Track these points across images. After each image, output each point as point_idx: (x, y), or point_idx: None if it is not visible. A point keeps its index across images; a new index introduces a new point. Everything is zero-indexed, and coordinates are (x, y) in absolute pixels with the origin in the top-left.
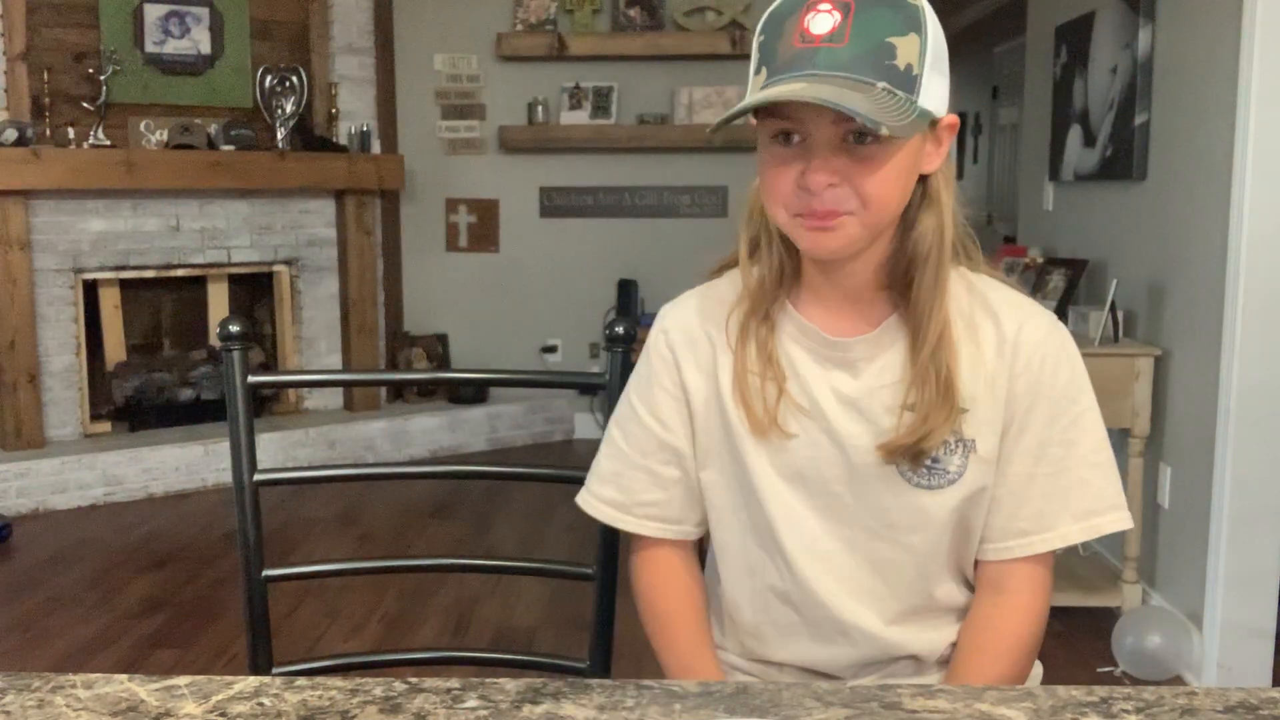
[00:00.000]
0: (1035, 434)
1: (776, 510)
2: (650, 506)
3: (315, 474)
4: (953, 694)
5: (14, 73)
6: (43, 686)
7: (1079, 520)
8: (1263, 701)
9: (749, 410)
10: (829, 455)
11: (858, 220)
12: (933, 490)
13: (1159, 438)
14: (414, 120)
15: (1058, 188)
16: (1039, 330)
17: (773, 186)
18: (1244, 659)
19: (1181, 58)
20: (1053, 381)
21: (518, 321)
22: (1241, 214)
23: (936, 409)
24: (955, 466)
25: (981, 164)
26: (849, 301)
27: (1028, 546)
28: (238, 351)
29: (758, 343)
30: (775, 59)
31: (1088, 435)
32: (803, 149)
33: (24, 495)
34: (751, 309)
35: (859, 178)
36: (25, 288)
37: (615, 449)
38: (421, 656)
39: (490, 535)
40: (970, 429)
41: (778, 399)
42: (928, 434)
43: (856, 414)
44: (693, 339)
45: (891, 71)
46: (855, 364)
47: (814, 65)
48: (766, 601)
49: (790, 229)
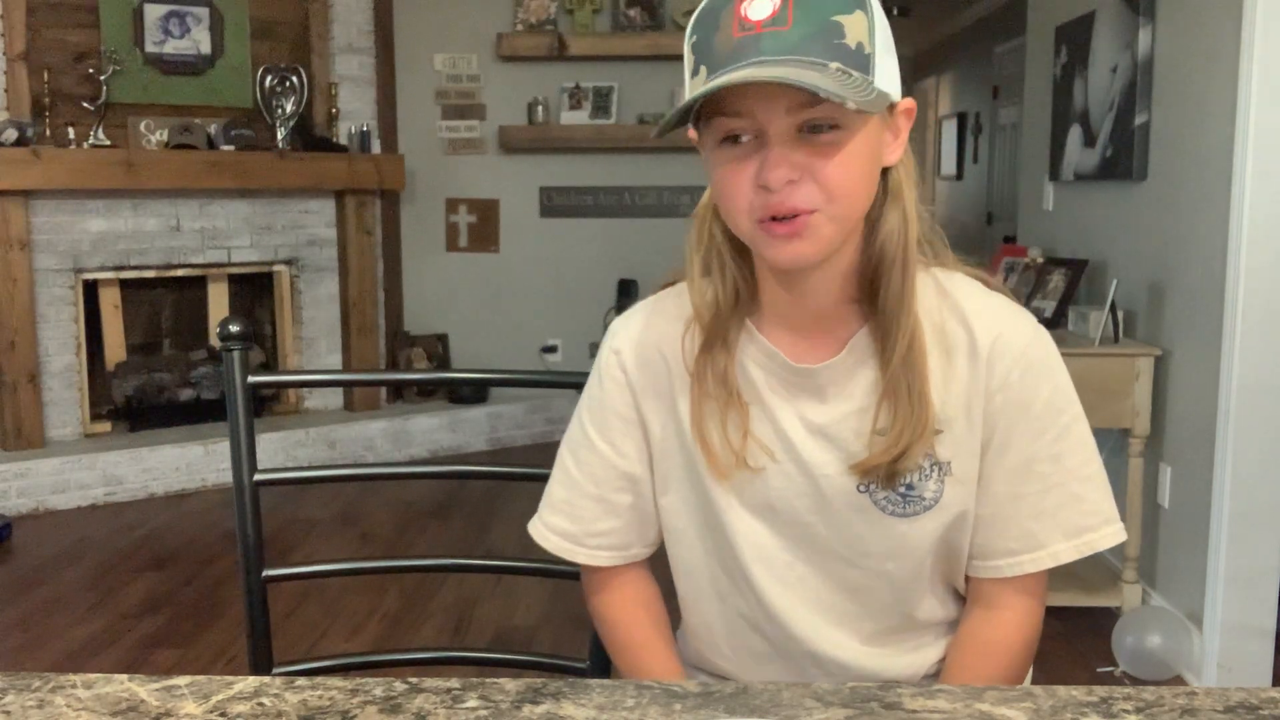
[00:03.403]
0: (1019, 452)
1: (745, 543)
2: (603, 536)
3: (315, 474)
4: (953, 694)
5: (14, 73)
6: (43, 686)
7: (1071, 538)
8: (1263, 701)
9: (710, 453)
10: (799, 486)
11: (826, 217)
12: (909, 518)
13: (1159, 438)
14: (414, 120)
15: (1058, 188)
16: (1017, 340)
17: (729, 192)
18: (1244, 659)
19: (1181, 58)
20: (1035, 395)
21: (518, 321)
22: (1241, 214)
23: (910, 424)
24: (931, 492)
25: (981, 164)
26: (814, 319)
27: (1017, 566)
28: (238, 351)
29: (715, 374)
30: (714, 54)
31: (1077, 448)
32: (756, 146)
33: (24, 495)
34: (707, 338)
35: (821, 169)
36: (25, 288)
37: (567, 476)
38: (421, 656)
39: (490, 535)
40: (945, 451)
41: (743, 438)
42: (903, 452)
43: (826, 442)
44: (647, 361)
45: (843, 51)
46: (824, 389)
47: (759, 52)
48: (738, 627)
49: (755, 240)
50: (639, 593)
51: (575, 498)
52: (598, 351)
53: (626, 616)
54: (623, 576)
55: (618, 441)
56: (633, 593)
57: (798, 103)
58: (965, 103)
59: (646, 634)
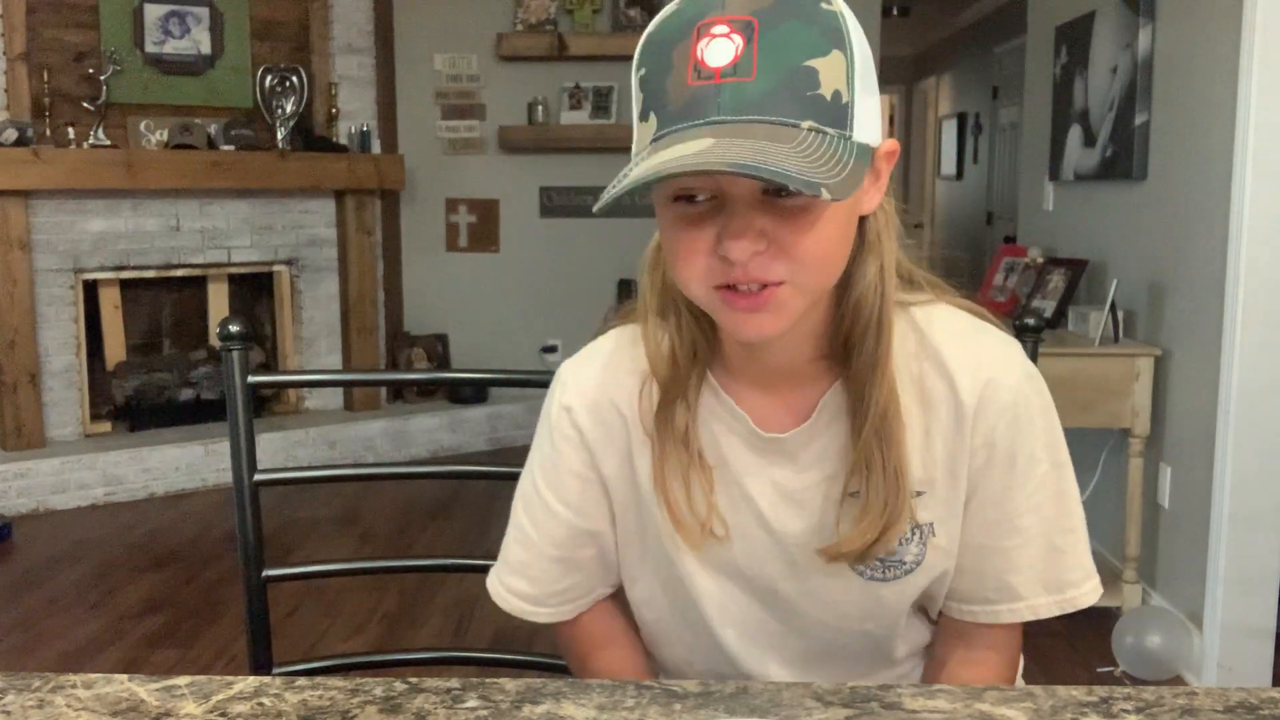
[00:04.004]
0: (1000, 505)
1: (712, 606)
2: (565, 593)
3: (315, 474)
4: (953, 694)
5: (14, 73)
6: (43, 686)
7: (1052, 593)
8: (1263, 701)
9: (676, 519)
10: (769, 551)
11: (794, 289)
12: (889, 582)
13: (1159, 438)
14: (414, 120)
15: (1058, 188)
16: (1004, 389)
17: (683, 257)
18: (1244, 659)
19: (1181, 58)
20: (1020, 448)
21: (518, 321)
22: (1241, 214)
23: (884, 503)
24: (912, 556)
25: (981, 164)
26: (781, 378)
27: (993, 615)
28: (238, 351)
29: (675, 434)
30: (665, 102)
31: (1060, 499)
32: (714, 207)
33: (24, 495)
34: (665, 396)
35: (790, 239)
36: (25, 288)
37: (525, 537)
38: (421, 656)
39: (490, 535)
40: (926, 513)
41: (708, 506)
42: (879, 536)
43: (797, 509)
44: (602, 418)
45: (817, 104)
46: (795, 455)
47: (717, 109)
48: (707, 675)
49: (712, 308)
50: (608, 625)
51: (534, 559)
52: (546, 401)
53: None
54: (588, 616)
55: (575, 501)
56: (602, 626)
57: None
58: (965, 103)
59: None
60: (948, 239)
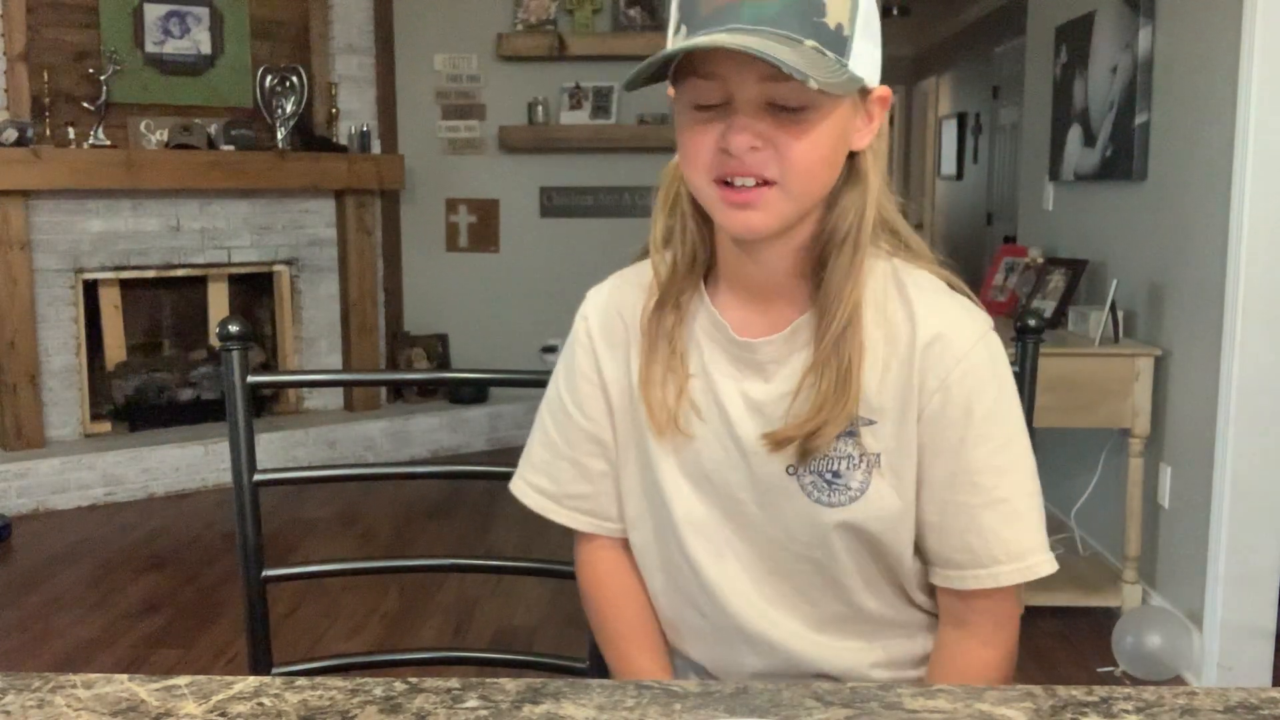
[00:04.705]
0: (959, 457)
1: (679, 508)
2: (579, 499)
3: (315, 474)
4: (953, 694)
5: (14, 73)
6: (43, 686)
7: (1014, 560)
8: (1263, 701)
9: (650, 406)
10: (733, 460)
11: (781, 192)
12: (833, 507)
13: (1159, 438)
14: (414, 120)
15: (1058, 188)
16: (960, 342)
17: (692, 151)
18: (1244, 659)
19: (1181, 58)
20: (977, 400)
21: (518, 321)
22: (1241, 214)
23: (831, 401)
24: (858, 482)
25: (981, 164)
26: (765, 292)
27: (961, 580)
28: (237, 351)
29: (664, 334)
30: (695, 14)
31: (1019, 465)
32: (724, 112)
33: (24, 495)
34: (661, 299)
35: (784, 143)
36: (25, 288)
37: (546, 436)
38: (421, 656)
39: (490, 535)
40: (875, 443)
41: (678, 397)
42: (817, 428)
43: (761, 419)
44: (609, 326)
45: (821, 30)
46: (765, 366)
47: (737, 19)
48: (676, 601)
49: (710, 202)
50: (623, 574)
51: (553, 458)
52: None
53: (612, 598)
54: (607, 551)
55: (585, 405)
56: (618, 572)
57: (768, 74)
58: (965, 103)
59: (630, 625)
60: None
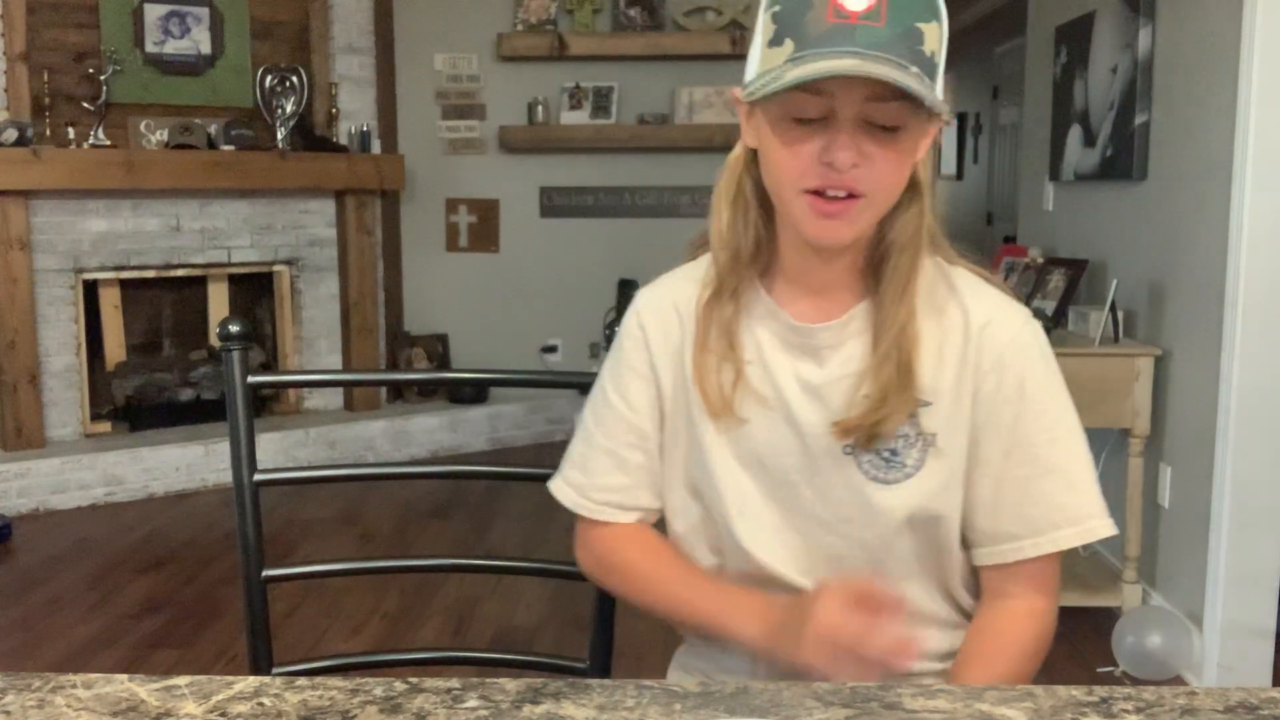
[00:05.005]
0: (1014, 432)
1: (730, 494)
2: (610, 491)
3: (315, 474)
4: (953, 694)
5: (14, 73)
6: (43, 686)
7: (1073, 524)
8: (1263, 701)
9: (704, 392)
10: (787, 443)
11: (867, 204)
12: (889, 485)
13: (1159, 438)
14: (414, 120)
15: (1058, 188)
16: (1009, 326)
17: (787, 161)
18: (1244, 659)
19: (1181, 58)
20: (1028, 376)
21: (518, 321)
22: (1241, 214)
23: (894, 393)
24: (913, 461)
25: (981, 164)
26: (823, 285)
27: (1018, 551)
28: (238, 351)
29: (720, 324)
30: (804, 32)
31: (1071, 436)
32: (823, 126)
33: (24, 495)
34: (718, 288)
35: (878, 161)
36: (25, 288)
37: (586, 433)
38: (421, 656)
39: (490, 535)
40: (931, 423)
41: (735, 382)
42: (884, 418)
43: (818, 402)
44: (663, 319)
45: (921, 57)
46: (821, 351)
47: (853, 42)
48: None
49: (798, 210)
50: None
51: (589, 451)
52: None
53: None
54: (621, 527)
55: (631, 397)
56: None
57: (875, 94)
58: (965, 103)
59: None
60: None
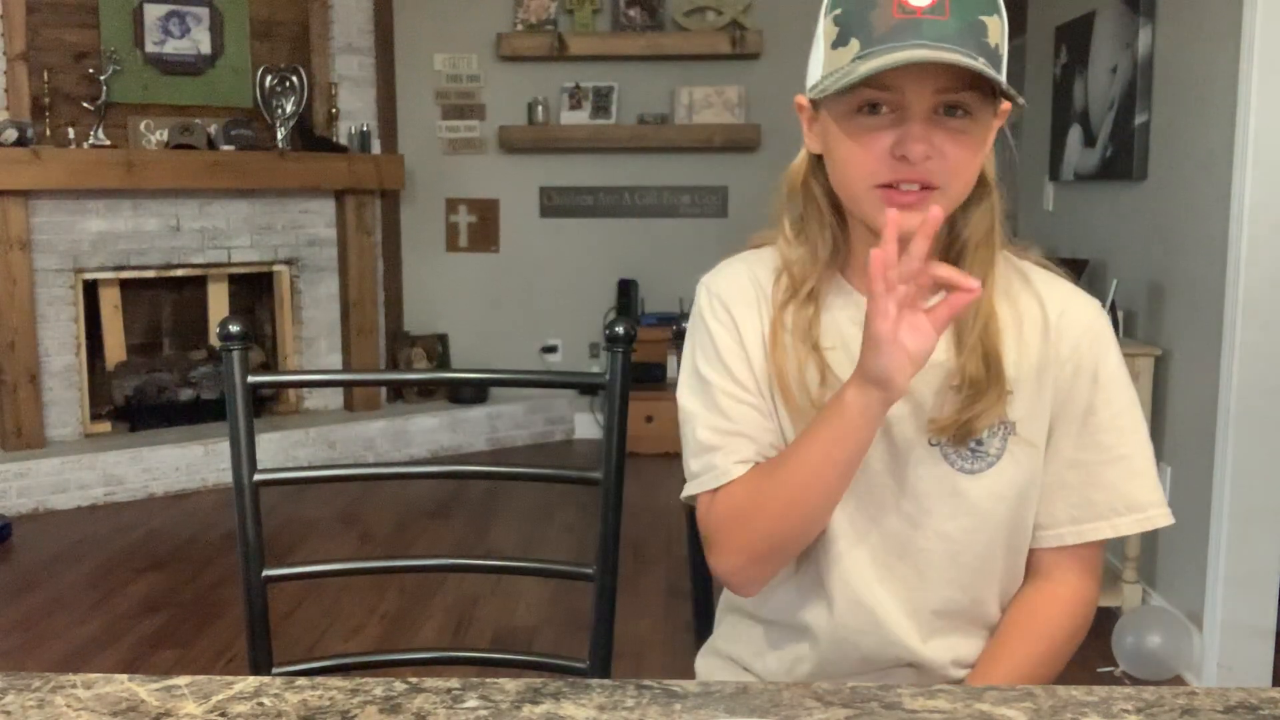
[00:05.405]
0: (1086, 417)
1: None
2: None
3: (315, 474)
4: (952, 694)
5: (14, 73)
6: (43, 686)
7: (1133, 511)
8: (1263, 701)
9: (787, 398)
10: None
11: (941, 196)
12: (974, 475)
13: (1159, 438)
14: (414, 120)
15: (1058, 187)
16: (1085, 314)
17: (857, 157)
18: (1244, 659)
19: (1181, 58)
20: (1102, 363)
21: (518, 321)
22: (1241, 214)
23: (985, 390)
24: (995, 449)
25: None
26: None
27: (1079, 535)
28: (238, 351)
29: (799, 326)
30: (869, 29)
31: (1138, 426)
32: (892, 120)
33: (24, 495)
34: (796, 290)
35: (951, 151)
36: (25, 288)
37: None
38: (421, 656)
39: (490, 535)
40: (1012, 411)
41: (820, 384)
42: (978, 414)
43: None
44: (743, 294)
45: (985, 49)
46: None
47: (919, 35)
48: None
49: (870, 205)
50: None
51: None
52: (693, 311)
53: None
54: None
55: (736, 374)
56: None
57: (946, 85)
58: None
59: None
60: None
